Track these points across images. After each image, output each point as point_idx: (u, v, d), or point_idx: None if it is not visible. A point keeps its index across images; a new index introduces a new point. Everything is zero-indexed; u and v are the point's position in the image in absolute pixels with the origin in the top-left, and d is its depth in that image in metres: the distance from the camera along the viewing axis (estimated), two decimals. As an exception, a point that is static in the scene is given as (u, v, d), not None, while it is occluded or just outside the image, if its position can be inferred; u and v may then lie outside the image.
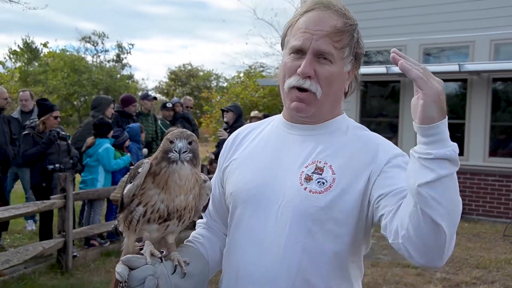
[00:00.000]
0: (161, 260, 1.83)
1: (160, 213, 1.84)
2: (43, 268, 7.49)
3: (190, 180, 1.86)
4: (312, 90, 1.94)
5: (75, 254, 7.85)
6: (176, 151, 1.82)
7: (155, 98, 11.50)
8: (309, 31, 1.94)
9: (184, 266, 1.87)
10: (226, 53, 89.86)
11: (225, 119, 11.21)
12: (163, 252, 1.87)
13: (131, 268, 1.76)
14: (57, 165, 8.20)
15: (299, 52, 1.96)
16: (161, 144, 1.90)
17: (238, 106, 11.76)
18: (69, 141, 8.86)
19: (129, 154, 9.34)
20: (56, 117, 8.44)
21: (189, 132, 1.89)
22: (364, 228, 1.94)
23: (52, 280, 7.17)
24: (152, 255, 1.81)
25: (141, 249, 1.85)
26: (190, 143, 1.85)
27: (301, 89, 1.96)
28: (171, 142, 1.85)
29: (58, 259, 7.64)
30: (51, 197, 7.64)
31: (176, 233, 1.95)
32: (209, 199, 2.02)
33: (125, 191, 1.87)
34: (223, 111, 11.42)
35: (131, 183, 1.86)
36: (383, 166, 1.87)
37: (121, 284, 1.75)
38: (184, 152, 1.82)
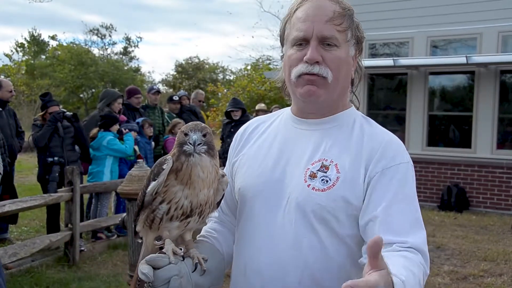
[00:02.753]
0: (183, 258, 1.82)
1: (183, 210, 1.83)
2: (50, 261, 7.52)
3: (211, 172, 1.85)
4: (323, 75, 1.93)
5: (82, 249, 7.88)
6: (190, 144, 1.81)
7: (158, 91, 11.44)
8: (309, 18, 1.93)
9: (203, 263, 1.86)
10: (232, 46, 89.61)
11: (235, 118, 11.16)
12: (181, 249, 1.85)
13: (154, 268, 1.74)
14: (56, 158, 8.23)
15: (302, 42, 1.95)
16: (176, 138, 1.89)
17: (240, 101, 11.95)
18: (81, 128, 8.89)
19: (136, 146, 9.36)
20: (51, 113, 8.45)
21: (203, 124, 1.88)
22: None
23: (59, 273, 7.19)
24: (174, 253, 1.80)
25: (161, 247, 1.84)
26: (204, 135, 1.84)
27: (310, 74, 1.94)
28: (186, 134, 1.84)
29: (65, 252, 7.67)
30: (58, 190, 7.68)
31: (192, 230, 1.94)
32: (223, 195, 2.02)
33: (148, 189, 1.85)
34: (231, 111, 11.32)
35: (154, 180, 1.83)
36: (379, 174, 1.87)
37: (145, 284, 1.74)
38: (198, 144, 1.82)
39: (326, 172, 1.90)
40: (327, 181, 1.88)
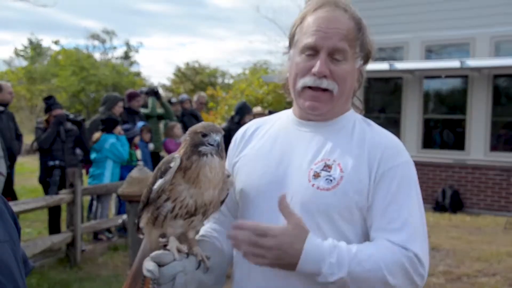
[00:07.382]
0: (187, 255, 1.81)
1: (188, 209, 1.82)
2: (52, 262, 7.57)
3: (219, 172, 1.85)
4: (330, 89, 1.94)
5: (83, 248, 7.92)
6: (211, 144, 1.81)
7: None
8: (322, 29, 1.93)
9: (206, 261, 1.86)
10: (228, 51, 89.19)
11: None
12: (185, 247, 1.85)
13: (159, 265, 1.72)
14: (57, 162, 8.29)
15: (311, 51, 1.95)
16: (187, 138, 1.87)
17: (243, 106, 10.68)
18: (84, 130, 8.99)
19: (138, 150, 9.46)
20: (55, 116, 8.51)
21: (217, 125, 1.89)
22: None
23: (60, 274, 7.23)
24: (178, 251, 1.79)
25: (165, 245, 1.83)
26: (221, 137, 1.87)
27: (315, 89, 1.96)
28: (204, 135, 1.83)
29: (66, 253, 7.71)
30: (59, 192, 7.74)
31: (196, 228, 1.93)
32: (227, 194, 2.00)
33: (154, 187, 1.83)
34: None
35: (161, 178, 1.82)
36: (380, 176, 1.90)
37: (151, 281, 1.74)
38: (217, 145, 1.83)
39: (329, 172, 1.90)
40: (331, 180, 1.88)
